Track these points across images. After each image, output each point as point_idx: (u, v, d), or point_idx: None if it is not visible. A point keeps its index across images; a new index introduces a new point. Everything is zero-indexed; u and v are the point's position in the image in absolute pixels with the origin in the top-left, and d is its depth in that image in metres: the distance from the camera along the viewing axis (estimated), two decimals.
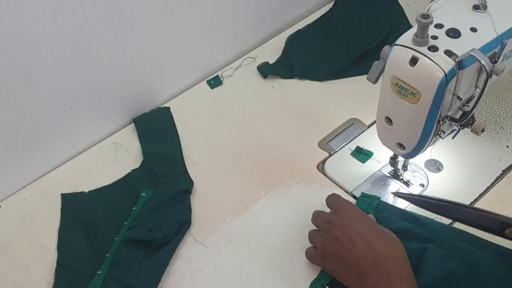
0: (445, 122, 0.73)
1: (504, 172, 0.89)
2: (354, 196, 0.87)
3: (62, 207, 0.88)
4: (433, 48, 0.66)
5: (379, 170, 0.90)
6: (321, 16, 1.16)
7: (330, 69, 1.06)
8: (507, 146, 0.92)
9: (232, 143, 0.96)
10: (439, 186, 0.87)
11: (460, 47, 0.66)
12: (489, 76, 0.66)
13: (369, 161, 0.92)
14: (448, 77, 0.65)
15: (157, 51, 0.98)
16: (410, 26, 1.01)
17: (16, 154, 0.89)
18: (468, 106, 0.72)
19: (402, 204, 0.86)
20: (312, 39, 1.12)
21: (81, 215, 0.87)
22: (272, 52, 1.11)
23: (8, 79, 0.81)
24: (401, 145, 0.77)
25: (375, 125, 0.80)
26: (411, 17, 1.13)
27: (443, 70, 0.65)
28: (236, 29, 1.08)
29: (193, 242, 0.83)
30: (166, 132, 0.98)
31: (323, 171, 0.91)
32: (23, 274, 0.81)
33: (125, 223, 0.82)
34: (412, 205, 0.85)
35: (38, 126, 0.89)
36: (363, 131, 0.96)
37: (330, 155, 0.93)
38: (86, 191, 0.90)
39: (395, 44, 0.69)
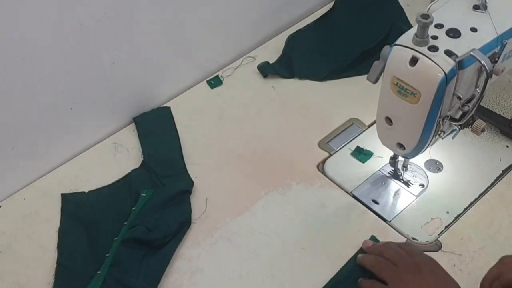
0: (445, 122, 0.73)
1: (504, 172, 0.89)
2: (354, 196, 0.87)
3: (62, 207, 0.88)
4: (433, 48, 0.66)
5: (379, 170, 0.90)
6: (321, 16, 1.16)
7: (330, 69, 1.06)
8: (507, 146, 0.92)
9: (232, 143, 0.96)
10: (439, 186, 0.87)
11: (460, 47, 0.66)
12: (489, 76, 0.66)
13: (369, 161, 0.92)
14: (448, 77, 0.65)
15: (157, 51, 0.98)
16: (410, 26, 1.01)
17: (16, 154, 0.88)
18: (468, 106, 0.72)
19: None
20: (312, 39, 1.12)
21: (81, 215, 0.87)
22: (272, 52, 1.11)
23: (8, 79, 0.81)
24: (401, 145, 0.77)
25: (375, 125, 0.80)
26: (411, 17, 1.13)
27: (443, 70, 0.65)
28: (236, 29, 1.08)
29: (193, 242, 0.83)
30: (166, 132, 0.97)
31: (323, 171, 0.91)
32: (23, 274, 0.81)
33: (125, 223, 0.82)
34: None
35: (38, 126, 0.89)
36: (363, 131, 0.96)
37: (330, 155, 0.93)
38: (86, 191, 0.90)
39: (395, 44, 0.68)
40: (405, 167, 0.87)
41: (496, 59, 0.69)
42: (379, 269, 0.74)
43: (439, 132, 0.75)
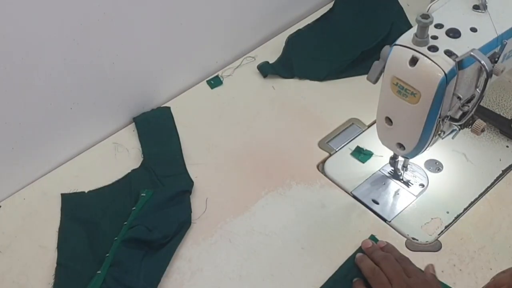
0: (445, 122, 0.73)
1: (504, 172, 0.89)
2: (354, 196, 0.87)
3: (62, 207, 0.88)
4: (433, 48, 0.66)
5: (379, 170, 0.90)
6: (321, 16, 1.16)
7: (330, 69, 1.06)
8: (507, 146, 0.92)
9: (232, 143, 0.96)
10: (439, 186, 0.87)
11: (460, 47, 0.66)
12: (489, 76, 0.66)
13: (369, 161, 0.92)
14: (448, 77, 0.65)
15: (157, 51, 0.98)
16: (410, 26, 1.01)
17: (16, 154, 0.88)
18: (468, 106, 0.72)
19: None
20: (312, 39, 1.12)
21: (81, 215, 0.87)
22: (272, 51, 1.11)
23: (8, 79, 0.81)
24: (401, 145, 0.77)
25: (375, 125, 0.80)
26: (411, 17, 1.13)
27: (443, 70, 0.65)
28: (236, 29, 1.08)
29: (193, 242, 0.83)
30: (166, 132, 0.97)
31: (323, 171, 0.91)
32: (23, 274, 0.81)
33: (125, 223, 0.82)
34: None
35: (38, 126, 0.89)
36: (363, 131, 0.96)
37: (330, 155, 0.93)
38: (86, 191, 0.90)
39: (395, 44, 0.68)
40: (405, 167, 0.87)
41: (496, 59, 0.69)
42: (374, 282, 0.74)
43: (439, 132, 0.75)
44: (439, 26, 0.69)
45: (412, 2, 1.17)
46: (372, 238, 0.81)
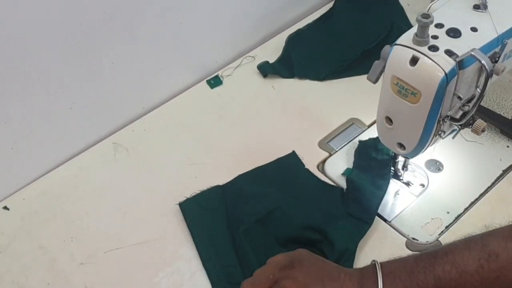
0: (446, 122, 0.73)
1: (505, 172, 0.88)
2: None
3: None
4: (434, 48, 0.66)
5: None
6: (321, 16, 1.16)
7: (330, 69, 1.06)
8: (508, 146, 0.92)
9: (232, 143, 0.96)
10: (440, 186, 0.87)
11: (461, 47, 0.66)
12: (489, 76, 0.66)
13: None
14: (448, 77, 0.65)
15: (157, 51, 0.98)
16: (410, 26, 1.00)
17: (16, 154, 0.88)
18: (469, 106, 0.72)
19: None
20: (312, 39, 1.12)
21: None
22: (272, 51, 1.11)
23: (8, 79, 0.81)
24: (401, 145, 0.76)
25: (375, 125, 0.80)
26: (412, 17, 1.13)
27: (443, 70, 0.65)
28: (236, 28, 1.08)
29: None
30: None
31: (323, 171, 0.91)
32: (22, 274, 0.81)
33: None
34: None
35: (37, 126, 0.89)
36: (363, 131, 0.96)
37: (330, 155, 0.93)
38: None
39: (396, 44, 0.68)
40: (405, 167, 0.87)
41: (497, 58, 0.69)
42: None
43: (440, 132, 0.75)
44: (439, 25, 0.69)
45: (413, 1, 1.17)
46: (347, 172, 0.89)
